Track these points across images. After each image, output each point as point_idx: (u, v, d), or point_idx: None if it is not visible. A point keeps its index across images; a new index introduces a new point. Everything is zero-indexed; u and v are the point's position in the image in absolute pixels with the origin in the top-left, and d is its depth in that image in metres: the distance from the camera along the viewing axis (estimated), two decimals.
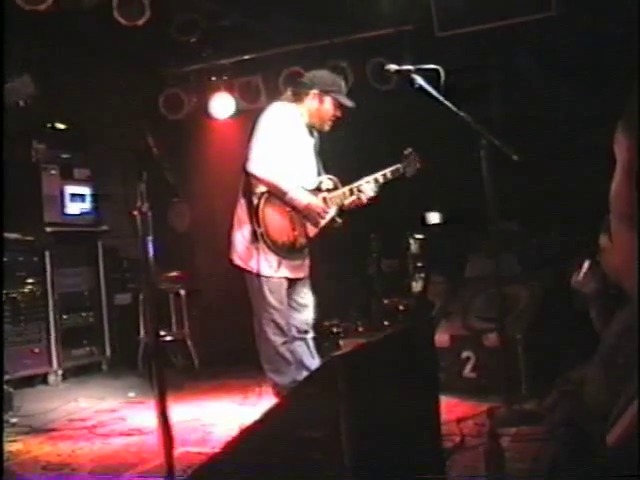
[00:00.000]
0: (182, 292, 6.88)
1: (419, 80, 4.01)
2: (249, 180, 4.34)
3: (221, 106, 7.61)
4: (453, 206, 6.79)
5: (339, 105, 4.55)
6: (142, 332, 6.63)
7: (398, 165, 4.65)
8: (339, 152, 4.91)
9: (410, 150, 4.72)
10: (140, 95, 7.59)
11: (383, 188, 4.64)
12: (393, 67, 4.10)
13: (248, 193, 4.34)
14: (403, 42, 6.62)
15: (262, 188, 4.32)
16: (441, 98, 4.00)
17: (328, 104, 4.53)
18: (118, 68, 7.30)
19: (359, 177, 4.63)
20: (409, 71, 4.05)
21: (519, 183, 5.53)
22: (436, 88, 4.02)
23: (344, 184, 4.65)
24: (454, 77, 4.05)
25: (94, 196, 6.88)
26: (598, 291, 3.53)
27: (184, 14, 6.60)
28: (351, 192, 4.56)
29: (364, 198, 4.54)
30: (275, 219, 4.32)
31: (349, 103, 4.55)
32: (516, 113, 6.35)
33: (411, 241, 6.83)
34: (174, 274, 6.83)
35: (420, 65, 4.08)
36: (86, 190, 6.82)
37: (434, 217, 7.04)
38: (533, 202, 6.19)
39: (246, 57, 7.39)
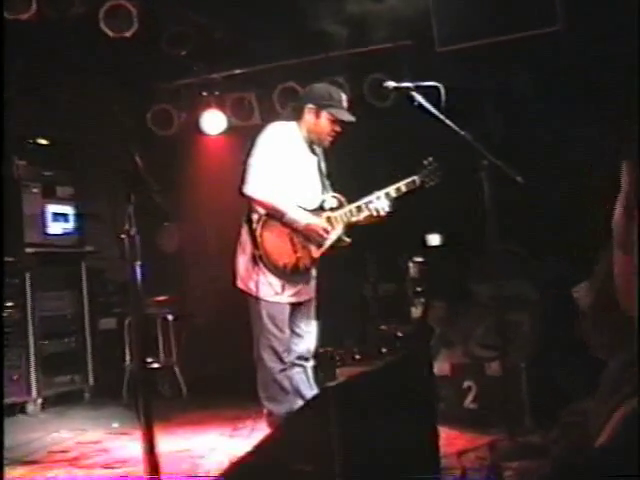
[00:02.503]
0: (170, 317, 6.89)
1: (418, 98, 4.06)
2: (250, 203, 4.39)
3: (212, 122, 7.67)
4: (454, 228, 6.82)
5: (337, 120, 4.55)
6: (127, 359, 6.62)
7: (414, 177, 4.64)
8: (342, 170, 4.93)
9: (430, 160, 4.71)
10: (128, 110, 7.64)
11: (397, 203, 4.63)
12: (392, 84, 4.15)
13: (248, 216, 4.39)
14: (402, 57, 6.69)
15: (261, 210, 4.36)
16: (441, 116, 4.05)
17: (324, 119, 4.54)
18: (105, 82, 7.36)
19: (363, 194, 4.64)
20: (408, 88, 4.10)
21: (520, 204, 5.58)
22: (436, 106, 4.07)
23: (352, 201, 4.63)
24: (455, 95, 4.10)
25: (78, 215, 6.89)
26: (593, 305, 3.59)
27: (174, 26, 6.66)
28: (359, 209, 4.56)
29: (382, 213, 4.52)
30: (275, 241, 4.35)
31: (347, 117, 4.56)
32: (517, 132, 6.42)
33: (410, 264, 6.85)
34: (162, 298, 6.84)
35: (420, 82, 4.13)
36: (69, 209, 6.84)
37: (434, 239, 7.07)
38: (534, 223, 6.23)
39: (238, 72, 7.45)
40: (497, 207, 4.14)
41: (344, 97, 4.63)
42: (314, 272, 4.64)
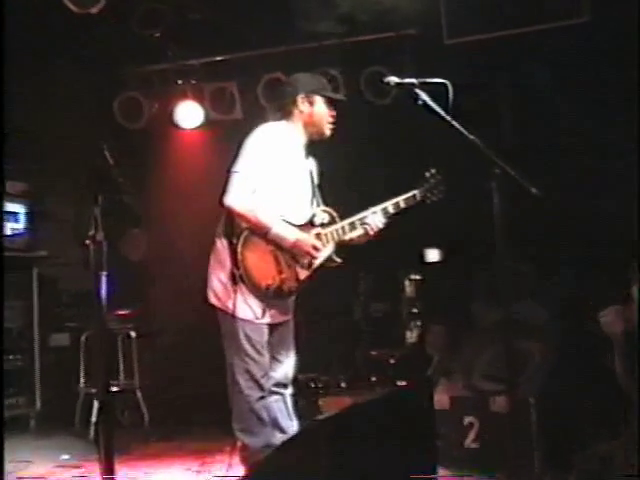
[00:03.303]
0: (133, 334, 6.86)
1: (423, 96, 4.07)
2: (230, 215, 4.38)
3: (188, 115, 7.68)
4: (455, 242, 6.86)
5: (330, 102, 4.63)
6: (82, 381, 6.59)
7: (414, 191, 4.63)
8: (334, 179, 4.94)
9: (433, 172, 4.72)
10: (92, 97, 7.63)
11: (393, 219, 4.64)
12: (393, 79, 4.15)
13: (228, 229, 4.37)
14: (405, 49, 6.73)
15: (242, 224, 4.36)
16: (448, 118, 4.05)
17: (320, 104, 4.59)
18: (66, 64, 7.34)
19: (357, 209, 4.65)
20: (412, 85, 4.10)
21: (533, 217, 5.61)
22: (443, 105, 4.08)
23: (345, 217, 4.64)
24: (464, 93, 4.13)
25: (30, 215, 6.87)
26: (625, 333, 3.63)
27: (147, 3, 6.68)
28: (352, 226, 4.57)
29: (373, 230, 4.53)
30: (257, 260, 4.33)
31: (340, 97, 4.69)
32: (532, 137, 6.47)
33: (405, 282, 6.89)
34: (124, 312, 6.82)
35: (425, 78, 4.15)
36: (20, 207, 6.81)
37: (433, 254, 7.11)
38: (548, 239, 6.28)
39: (219, 58, 7.48)
40: (507, 220, 4.16)
41: (325, 81, 4.73)
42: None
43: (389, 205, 4.59)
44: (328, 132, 4.64)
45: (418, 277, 6.88)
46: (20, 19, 6.15)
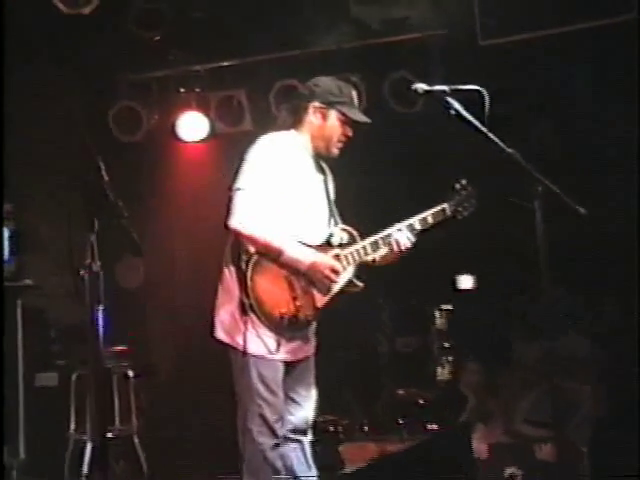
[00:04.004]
0: (130, 373, 6.85)
1: (456, 105, 4.07)
2: (237, 238, 4.36)
3: (191, 127, 7.71)
4: (491, 268, 6.84)
5: (349, 121, 4.58)
6: (72, 426, 6.59)
7: (443, 205, 4.61)
8: (354, 194, 4.94)
9: (464, 183, 4.69)
10: (84, 108, 7.66)
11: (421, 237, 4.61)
12: (422, 86, 4.15)
13: (236, 254, 4.35)
14: (433, 52, 6.75)
15: (251, 248, 4.34)
16: (484, 129, 4.05)
17: (333, 119, 4.52)
18: (54, 71, 7.35)
19: (380, 226, 4.63)
20: (443, 92, 4.11)
21: (579, 240, 5.61)
22: (478, 115, 4.08)
23: (367, 235, 4.62)
24: (501, 101, 4.13)
25: (14, 239, 6.89)
26: None
27: (145, 3, 6.73)
28: (375, 245, 4.55)
29: (403, 248, 4.51)
30: (269, 287, 4.31)
31: (361, 118, 4.54)
32: (578, 149, 6.47)
33: (436, 313, 6.87)
34: (120, 348, 6.81)
35: (457, 85, 4.15)
36: (4, 231, 6.84)
37: (466, 281, 7.09)
38: (596, 265, 6.26)
39: (226, 64, 7.52)
40: (550, 243, 4.15)
41: (355, 94, 4.68)
42: (314, 324, 4.62)
43: (415, 221, 4.56)
44: (336, 152, 4.61)
45: (449, 307, 6.86)
46: (6, 21, 6.14)
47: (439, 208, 4.63)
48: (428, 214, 4.60)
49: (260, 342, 4.32)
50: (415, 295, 7.02)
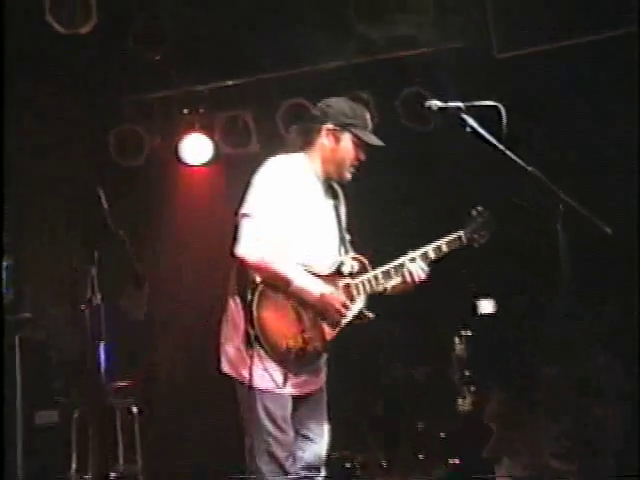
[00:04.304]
0: (134, 409, 6.85)
1: (471, 122, 4.07)
2: (243, 267, 4.36)
3: (195, 149, 7.74)
4: (514, 290, 6.82)
5: (362, 144, 4.58)
6: (73, 466, 6.58)
7: (459, 233, 4.63)
8: (365, 220, 4.94)
9: (480, 209, 4.71)
10: (83, 131, 7.68)
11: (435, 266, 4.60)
12: (436, 103, 4.16)
13: (242, 284, 4.34)
14: (447, 66, 6.75)
15: (258, 277, 4.34)
16: (501, 147, 4.05)
17: (347, 142, 4.53)
18: (52, 93, 7.39)
19: (392, 255, 4.63)
20: (458, 109, 4.11)
21: (604, 259, 5.59)
22: (495, 132, 4.08)
23: (378, 264, 4.62)
24: (519, 117, 4.13)
25: (12, 270, 6.90)
26: None
27: (146, 21, 6.74)
28: (387, 275, 4.54)
29: (417, 278, 4.50)
30: (276, 318, 4.30)
31: (376, 141, 4.55)
32: (602, 166, 6.45)
33: (455, 339, 6.84)
34: (124, 384, 6.81)
35: (473, 100, 4.15)
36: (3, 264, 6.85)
37: (486, 305, 7.07)
38: (623, 284, 6.24)
39: (231, 83, 7.54)
40: (574, 263, 4.14)
41: (368, 116, 4.68)
42: (325, 355, 4.61)
43: (430, 249, 4.58)
44: (348, 176, 4.60)
45: (470, 333, 6.83)
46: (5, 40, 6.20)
47: (454, 236, 4.64)
48: (443, 242, 4.60)
49: (267, 376, 4.31)
50: (433, 321, 6.98)
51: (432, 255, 4.57)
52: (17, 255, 6.96)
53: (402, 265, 4.52)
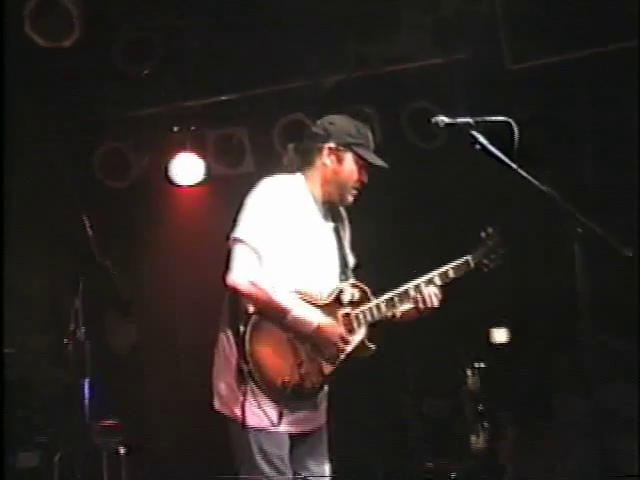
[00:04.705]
0: (122, 449, 6.82)
1: (481, 139, 4.08)
2: (235, 296, 4.35)
3: (186, 170, 7.75)
4: (529, 318, 6.82)
5: (365, 165, 4.58)
6: None
7: (467, 257, 4.64)
8: (367, 245, 4.92)
9: (490, 232, 4.72)
10: (66, 150, 7.69)
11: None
12: (443, 119, 4.17)
13: (234, 315, 4.33)
14: (456, 78, 6.77)
15: (251, 307, 4.33)
16: (514, 165, 4.06)
17: (350, 163, 4.52)
18: (32, 110, 7.41)
19: (397, 281, 4.57)
20: (468, 125, 4.12)
21: (622, 283, 5.60)
22: (507, 149, 4.09)
23: (380, 292, 4.62)
24: (532, 133, 4.15)
25: None
26: None
27: (133, 32, 6.75)
28: (390, 304, 4.52)
29: (427, 305, 4.49)
30: (271, 352, 4.28)
31: (381, 162, 4.55)
32: (619, 184, 6.47)
33: (468, 371, 6.83)
34: (110, 422, 6.80)
35: (483, 116, 4.17)
36: None
37: (500, 334, 7.07)
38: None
39: (224, 98, 7.56)
40: (592, 288, 4.14)
41: (370, 135, 4.65)
42: (325, 388, 4.60)
43: (435, 275, 4.57)
44: (350, 199, 4.60)
45: (484, 365, 6.82)
46: None
47: (462, 261, 4.64)
48: (449, 267, 4.60)
49: (261, 413, 4.29)
50: (443, 351, 6.97)
51: (438, 281, 4.56)
52: None
53: (406, 292, 4.53)
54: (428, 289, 4.51)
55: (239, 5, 6.52)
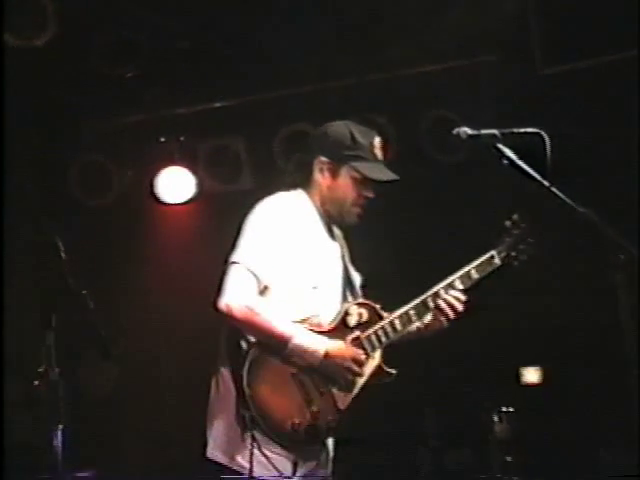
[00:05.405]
0: None
1: (509, 153, 4.09)
2: (233, 331, 4.33)
3: (175, 186, 7.77)
4: (565, 355, 6.82)
5: (366, 179, 4.55)
6: None
7: (491, 252, 4.65)
8: (379, 261, 4.92)
9: (516, 218, 4.71)
10: (38, 164, 7.69)
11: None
12: (466, 130, 4.17)
13: (232, 349, 4.32)
14: (480, 84, 6.79)
15: (249, 337, 4.32)
16: (546, 183, 4.06)
17: (345, 178, 4.50)
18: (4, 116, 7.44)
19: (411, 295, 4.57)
20: (493, 137, 4.13)
21: None
22: (538, 166, 4.09)
23: (392, 308, 4.59)
24: (567, 147, 4.15)
25: None
26: None
27: (115, 31, 6.77)
28: (406, 318, 4.48)
29: (447, 312, 4.47)
30: (274, 391, 4.26)
31: (383, 176, 4.55)
32: None
33: (495, 417, 6.82)
34: (86, 474, 6.80)
35: (511, 127, 4.17)
36: None
37: (532, 374, 7.06)
38: None
39: (218, 105, 7.59)
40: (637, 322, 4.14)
41: (377, 141, 4.65)
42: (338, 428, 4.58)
43: (456, 279, 4.58)
44: (353, 219, 4.58)
45: (513, 409, 6.81)
46: None
47: (485, 257, 4.64)
48: (471, 267, 4.60)
49: (269, 465, 4.28)
50: (466, 393, 6.96)
51: (459, 285, 4.57)
52: None
53: (424, 304, 4.52)
54: (449, 295, 4.52)
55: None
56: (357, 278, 4.76)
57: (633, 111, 6.42)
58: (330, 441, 4.56)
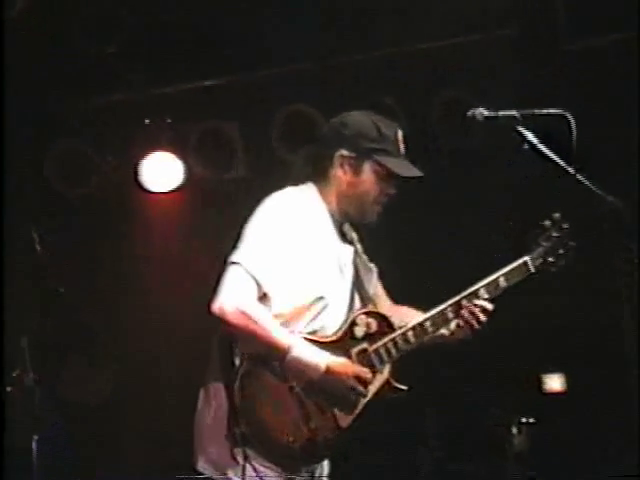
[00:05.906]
0: None
1: (530, 136, 4.09)
2: (226, 339, 4.31)
3: (161, 173, 7.77)
4: (590, 362, 6.84)
5: (392, 176, 4.56)
6: None
7: (524, 258, 4.62)
8: (391, 261, 4.91)
9: (557, 217, 4.67)
10: (10, 149, 7.69)
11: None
12: (482, 112, 4.17)
13: (224, 356, 4.31)
14: (497, 61, 6.78)
15: (243, 345, 4.30)
16: (571, 169, 4.06)
17: (369, 174, 4.48)
18: None
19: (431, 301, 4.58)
20: (513, 119, 4.12)
21: None
22: (562, 150, 4.09)
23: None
24: (593, 131, 4.14)
25: None
26: None
27: (96, 2, 6.77)
28: (421, 330, 4.47)
29: (472, 323, 4.48)
30: (269, 407, 4.26)
31: (411, 171, 4.55)
32: None
33: (513, 428, 6.84)
34: None
35: (532, 109, 4.17)
36: None
37: (554, 381, 7.08)
38: None
39: (209, 83, 7.57)
40: None
41: (400, 134, 4.61)
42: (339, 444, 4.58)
43: (481, 288, 4.57)
44: (373, 217, 4.56)
45: (533, 420, 6.83)
46: None
47: (517, 263, 4.61)
48: (500, 275, 4.58)
49: None
50: (481, 401, 6.98)
51: (484, 294, 4.55)
52: None
53: (443, 314, 4.51)
54: (472, 304, 4.49)
55: None
56: (373, 270, 4.79)
57: None
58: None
